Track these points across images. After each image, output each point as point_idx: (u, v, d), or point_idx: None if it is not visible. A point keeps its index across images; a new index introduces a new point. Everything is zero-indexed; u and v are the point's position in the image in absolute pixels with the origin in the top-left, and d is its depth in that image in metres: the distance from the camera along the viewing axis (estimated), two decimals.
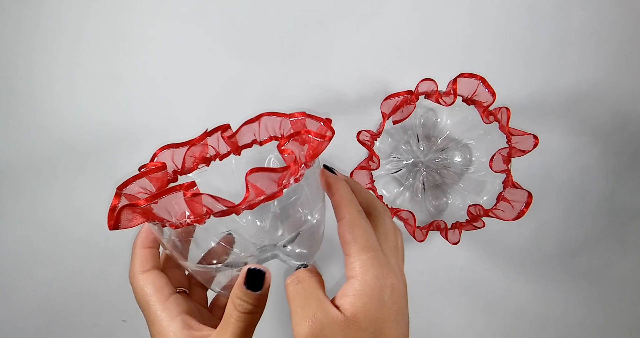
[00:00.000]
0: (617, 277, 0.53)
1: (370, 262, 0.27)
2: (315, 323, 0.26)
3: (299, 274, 0.29)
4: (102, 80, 0.48)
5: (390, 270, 0.28)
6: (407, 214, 0.43)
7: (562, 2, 0.49)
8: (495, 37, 0.49)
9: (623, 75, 0.51)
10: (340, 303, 0.27)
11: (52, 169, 0.48)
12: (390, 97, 0.43)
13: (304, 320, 0.26)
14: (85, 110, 0.48)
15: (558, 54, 0.50)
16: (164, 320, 0.29)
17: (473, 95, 0.43)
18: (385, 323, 0.26)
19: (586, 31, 0.50)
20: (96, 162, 0.48)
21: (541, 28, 0.50)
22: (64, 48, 0.47)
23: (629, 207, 0.52)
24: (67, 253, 0.49)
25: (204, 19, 0.48)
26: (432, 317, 0.52)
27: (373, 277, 0.26)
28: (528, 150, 0.40)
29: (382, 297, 0.26)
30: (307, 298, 0.27)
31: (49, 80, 0.47)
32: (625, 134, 0.51)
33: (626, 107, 0.51)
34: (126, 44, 0.48)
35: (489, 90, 0.41)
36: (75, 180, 0.48)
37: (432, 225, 0.45)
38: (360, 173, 0.44)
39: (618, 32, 0.50)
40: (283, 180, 0.27)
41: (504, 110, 0.41)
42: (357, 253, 0.27)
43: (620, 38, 0.50)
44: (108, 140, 0.48)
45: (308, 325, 0.26)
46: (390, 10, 0.48)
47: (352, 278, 0.27)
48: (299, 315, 0.26)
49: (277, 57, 0.49)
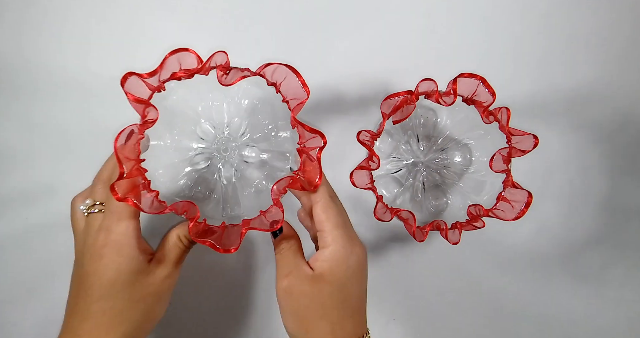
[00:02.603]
0: (618, 277, 0.53)
1: (341, 236, 0.33)
2: (289, 278, 0.33)
3: (282, 245, 0.35)
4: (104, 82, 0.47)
5: (357, 242, 0.35)
6: (407, 214, 0.43)
7: (562, 3, 0.49)
8: (495, 38, 0.50)
9: (623, 75, 0.51)
10: (312, 265, 0.34)
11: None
12: (390, 97, 0.43)
13: (282, 277, 0.34)
14: (85, 110, 0.48)
15: (558, 54, 0.50)
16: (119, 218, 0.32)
17: (473, 95, 0.43)
18: (349, 281, 0.33)
19: (586, 31, 0.50)
20: None
21: (541, 28, 0.50)
22: (68, 51, 0.47)
23: (629, 207, 0.52)
24: (68, 252, 0.49)
25: (204, 19, 0.48)
26: (432, 317, 0.52)
27: (341, 248, 0.33)
28: (528, 150, 0.40)
29: (347, 261, 0.33)
30: (286, 262, 0.34)
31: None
32: (625, 134, 0.51)
33: (626, 107, 0.51)
34: (128, 46, 0.48)
35: (489, 90, 0.41)
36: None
37: (432, 225, 0.45)
38: (360, 174, 0.44)
39: (618, 33, 0.50)
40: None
41: (504, 110, 0.41)
42: (330, 230, 0.33)
43: (620, 38, 0.51)
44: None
45: (285, 281, 0.33)
46: (391, 10, 0.49)
47: (324, 248, 0.33)
48: (279, 275, 0.34)
49: (277, 57, 0.48)
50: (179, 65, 0.34)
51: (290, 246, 0.36)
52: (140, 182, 0.32)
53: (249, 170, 0.45)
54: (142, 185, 0.32)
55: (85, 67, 0.47)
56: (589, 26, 0.50)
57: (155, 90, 0.34)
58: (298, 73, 0.36)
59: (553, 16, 0.50)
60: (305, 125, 0.34)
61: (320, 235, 0.34)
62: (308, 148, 0.36)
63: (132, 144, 0.31)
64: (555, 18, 0.50)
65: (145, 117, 0.32)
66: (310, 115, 0.49)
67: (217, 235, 0.34)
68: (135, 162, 0.32)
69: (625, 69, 0.51)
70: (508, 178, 0.42)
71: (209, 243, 0.32)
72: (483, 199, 0.47)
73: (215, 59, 0.34)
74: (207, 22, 0.48)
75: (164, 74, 0.33)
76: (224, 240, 0.33)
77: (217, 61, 0.34)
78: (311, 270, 0.33)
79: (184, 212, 0.33)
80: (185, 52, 0.33)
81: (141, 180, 0.32)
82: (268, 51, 0.49)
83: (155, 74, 0.33)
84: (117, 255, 0.31)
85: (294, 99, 0.36)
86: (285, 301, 0.34)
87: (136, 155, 0.32)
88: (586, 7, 0.50)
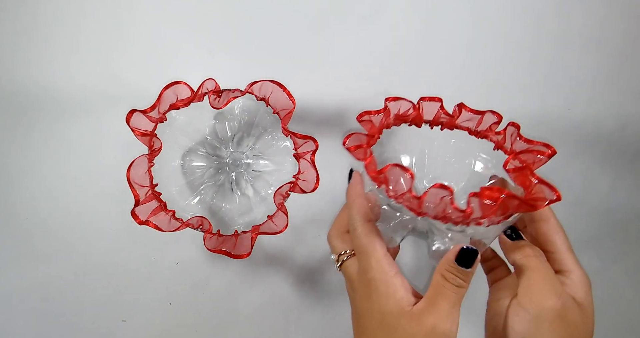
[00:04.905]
0: (618, 277, 0.53)
1: (577, 260, 0.30)
2: (561, 301, 0.28)
3: (526, 250, 0.30)
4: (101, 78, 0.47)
5: None
6: None
7: (562, 2, 0.49)
8: (495, 38, 0.49)
9: (623, 75, 0.50)
10: (573, 291, 0.29)
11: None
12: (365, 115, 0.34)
13: (552, 294, 0.28)
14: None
15: (558, 54, 0.50)
16: (389, 273, 0.30)
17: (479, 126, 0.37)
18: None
19: (587, 30, 0.50)
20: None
21: (542, 28, 0.50)
22: (60, 48, 0.46)
23: (629, 207, 0.52)
24: (68, 253, 0.49)
25: (203, 19, 0.48)
26: None
27: (585, 274, 0.30)
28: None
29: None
30: (551, 275, 0.29)
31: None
32: (625, 134, 0.51)
33: (626, 107, 0.51)
34: (123, 42, 0.47)
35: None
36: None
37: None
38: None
39: (618, 33, 0.50)
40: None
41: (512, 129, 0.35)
42: (565, 252, 0.30)
43: (620, 38, 0.50)
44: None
45: (554, 301, 0.28)
46: (391, 10, 0.49)
47: (570, 272, 0.30)
48: (546, 289, 0.28)
49: (276, 57, 0.49)
50: (175, 96, 0.38)
51: (540, 253, 0.30)
52: (156, 204, 0.36)
53: (258, 178, 0.48)
54: (158, 207, 0.36)
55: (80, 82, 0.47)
56: (590, 26, 0.49)
57: (158, 122, 0.38)
58: (282, 86, 0.39)
59: (554, 17, 0.49)
60: (296, 133, 0.37)
61: (555, 257, 0.31)
62: (303, 153, 0.39)
63: (143, 172, 0.35)
64: (555, 18, 0.49)
65: (152, 146, 0.36)
66: (321, 117, 0.49)
67: (231, 243, 0.37)
68: (149, 187, 0.36)
69: (625, 69, 0.50)
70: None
71: (224, 251, 0.35)
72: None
73: (206, 86, 0.37)
74: (206, 22, 0.48)
75: (162, 106, 0.37)
76: (237, 248, 0.36)
77: (208, 87, 0.38)
78: (573, 299, 0.29)
79: (199, 226, 0.37)
80: (178, 84, 0.37)
81: (156, 202, 0.36)
82: (267, 51, 0.49)
83: (155, 108, 0.36)
84: None
85: (283, 110, 0.39)
86: (549, 325, 0.28)
87: (149, 182, 0.36)
88: (588, 8, 0.49)
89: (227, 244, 0.37)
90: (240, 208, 0.47)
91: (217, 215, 0.46)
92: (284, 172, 0.47)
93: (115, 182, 0.43)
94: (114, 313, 0.50)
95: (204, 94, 0.38)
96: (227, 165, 0.47)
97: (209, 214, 0.46)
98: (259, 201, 0.47)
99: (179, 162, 0.46)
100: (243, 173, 0.48)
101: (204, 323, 0.50)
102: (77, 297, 0.50)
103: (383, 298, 0.29)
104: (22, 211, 0.48)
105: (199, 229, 0.37)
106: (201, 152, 0.47)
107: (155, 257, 0.48)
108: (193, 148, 0.46)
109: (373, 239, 0.31)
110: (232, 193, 0.48)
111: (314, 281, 0.50)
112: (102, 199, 0.47)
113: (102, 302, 0.50)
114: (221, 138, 0.47)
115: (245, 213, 0.46)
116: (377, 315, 0.29)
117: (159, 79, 0.40)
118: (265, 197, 0.46)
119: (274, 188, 0.47)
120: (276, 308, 0.50)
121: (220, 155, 0.47)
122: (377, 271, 0.30)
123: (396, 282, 0.30)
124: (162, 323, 0.48)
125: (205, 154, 0.47)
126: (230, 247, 0.36)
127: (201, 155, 0.47)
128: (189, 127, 0.45)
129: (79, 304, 0.50)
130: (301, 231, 0.49)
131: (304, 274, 0.50)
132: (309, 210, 0.48)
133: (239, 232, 0.39)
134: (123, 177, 0.36)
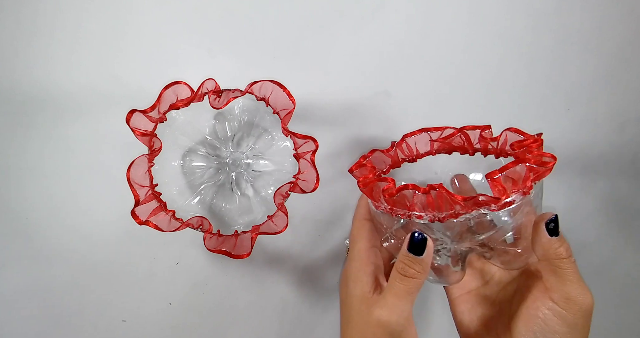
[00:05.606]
0: (618, 277, 0.53)
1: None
2: (592, 298, 0.31)
3: (561, 251, 0.31)
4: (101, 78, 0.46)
5: None
6: None
7: (562, 2, 0.49)
8: (494, 37, 0.49)
9: (623, 75, 0.50)
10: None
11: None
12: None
13: (589, 293, 0.31)
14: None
15: (558, 54, 0.50)
16: (365, 262, 0.35)
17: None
18: None
19: (587, 31, 0.50)
20: None
21: (542, 28, 0.49)
22: (60, 48, 0.46)
23: (629, 207, 0.52)
24: (68, 253, 0.49)
25: (203, 19, 0.47)
26: (433, 317, 0.53)
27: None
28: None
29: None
30: (578, 280, 0.31)
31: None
32: (625, 133, 0.51)
33: (626, 107, 0.51)
34: (123, 42, 0.46)
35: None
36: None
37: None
38: None
39: (618, 32, 0.50)
40: None
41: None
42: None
43: (620, 38, 0.50)
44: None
45: (592, 298, 0.31)
46: (391, 10, 0.49)
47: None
48: (583, 286, 0.31)
49: (276, 57, 0.49)
50: (175, 96, 0.38)
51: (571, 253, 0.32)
52: (156, 204, 0.36)
53: (258, 178, 0.48)
54: (158, 207, 0.36)
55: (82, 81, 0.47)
56: (590, 26, 0.49)
57: (158, 122, 0.38)
58: (282, 86, 0.39)
59: (554, 16, 0.49)
60: (296, 133, 0.37)
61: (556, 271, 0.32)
62: (303, 153, 0.39)
63: (143, 172, 0.35)
64: (555, 18, 0.49)
65: (152, 146, 0.36)
66: (321, 115, 0.50)
67: (231, 243, 0.37)
68: (149, 187, 0.36)
69: (625, 69, 0.50)
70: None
71: (224, 251, 0.35)
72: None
73: (206, 86, 0.38)
74: (205, 21, 0.47)
75: (162, 106, 0.37)
76: (237, 248, 0.36)
77: (208, 87, 0.38)
78: None
79: (199, 226, 0.37)
80: (178, 84, 0.37)
81: (156, 203, 0.36)
82: (267, 51, 0.48)
83: (155, 108, 0.36)
84: None
85: (283, 110, 0.39)
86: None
87: (149, 182, 0.36)
88: (588, 7, 0.49)
89: (227, 244, 0.37)
90: (240, 208, 0.47)
91: (217, 215, 0.46)
92: (284, 172, 0.47)
93: (115, 182, 0.43)
94: (114, 313, 0.50)
95: (204, 94, 0.38)
96: (227, 165, 0.47)
97: (209, 214, 0.46)
98: (259, 201, 0.47)
99: (179, 162, 0.46)
100: (243, 173, 0.48)
101: (204, 323, 0.50)
102: (77, 297, 0.49)
103: (352, 283, 0.33)
104: (22, 211, 0.48)
105: (199, 229, 0.37)
106: (201, 152, 0.47)
107: (155, 257, 0.48)
108: (193, 148, 0.46)
109: (362, 232, 0.36)
110: (232, 193, 0.48)
111: (314, 281, 0.50)
112: (102, 199, 0.47)
113: (102, 302, 0.50)
114: (221, 138, 0.47)
115: (245, 213, 0.46)
116: (348, 300, 0.33)
117: (159, 79, 0.41)
118: (265, 197, 0.46)
119: (274, 189, 0.47)
120: (276, 308, 0.50)
121: (220, 155, 0.47)
122: (356, 259, 0.35)
123: (368, 270, 0.33)
124: (162, 323, 0.48)
125: (205, 154, 0.47)
126: (230, 247, 0.36)
127: (201, 155, 0.47)
128: (189, 127, 0.45)
129: (79, 304, 0.50)
130: (301, 231, 0.49)
131: (304, 274, 0.50)
132: (309, 210, 0.49)
133: (239, 232, 0.39)
134: (123, 177, 0.36)
